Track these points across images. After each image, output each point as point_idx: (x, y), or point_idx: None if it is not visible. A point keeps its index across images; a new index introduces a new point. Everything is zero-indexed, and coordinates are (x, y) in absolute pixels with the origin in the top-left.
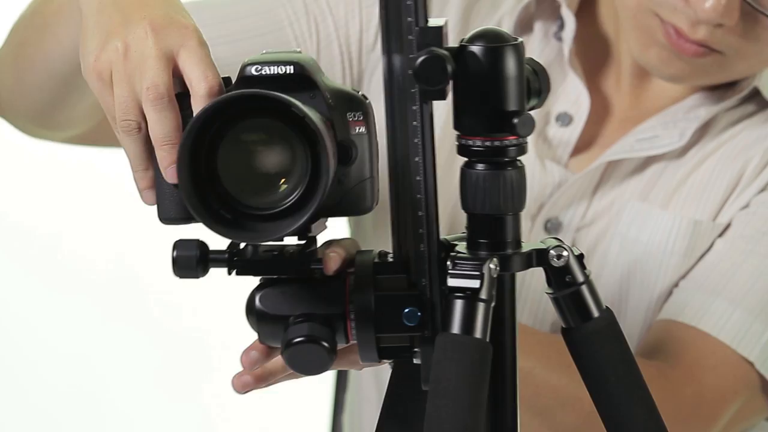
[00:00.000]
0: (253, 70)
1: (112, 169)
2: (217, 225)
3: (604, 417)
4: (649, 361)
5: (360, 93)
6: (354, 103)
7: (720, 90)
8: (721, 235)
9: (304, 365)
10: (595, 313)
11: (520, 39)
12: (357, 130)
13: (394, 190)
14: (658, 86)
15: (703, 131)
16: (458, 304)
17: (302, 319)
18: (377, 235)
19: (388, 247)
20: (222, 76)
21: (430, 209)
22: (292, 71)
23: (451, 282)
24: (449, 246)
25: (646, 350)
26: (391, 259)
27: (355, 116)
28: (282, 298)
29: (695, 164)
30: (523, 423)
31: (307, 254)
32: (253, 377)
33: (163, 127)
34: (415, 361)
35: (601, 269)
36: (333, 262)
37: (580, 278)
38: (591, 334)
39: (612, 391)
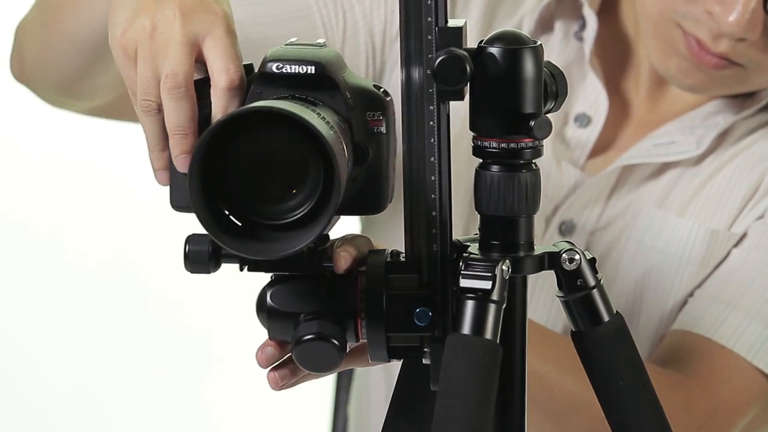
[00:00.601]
0: (274, 68)
1: (113, 169)
2: (224, 235)
3: (612, 421)
4: (664, 369)
5: (382, 90)
6: (374, 102)
7: (739, 99)
8: (736, 245)
9: (314, 363)
10: (606, 318)
11: (538, 42)
12: (375, 130)
13: (408, 189)
14: (676, 91)
15: (720, 139)
16: (469, 305)
17: (313, 316)
18: (385, 232)
19: (398, 240)
20: (245, 63)
21: (444, 210)
22: (312, 71)
23: (463, 283)
24: (461, 247)
25: (662, 359)
26: (403, 259)
27: (374, 115)
28: (293, 296)
29: (712, 172)
30: (536, 425)
31: (320, 252)
32: (288, 370)
33: (177, 117)
34: (425, 361)
35: (615, 273)
36: (344, 261)
37: (592, 282)
38: (601, 338)
39: (620, 395)
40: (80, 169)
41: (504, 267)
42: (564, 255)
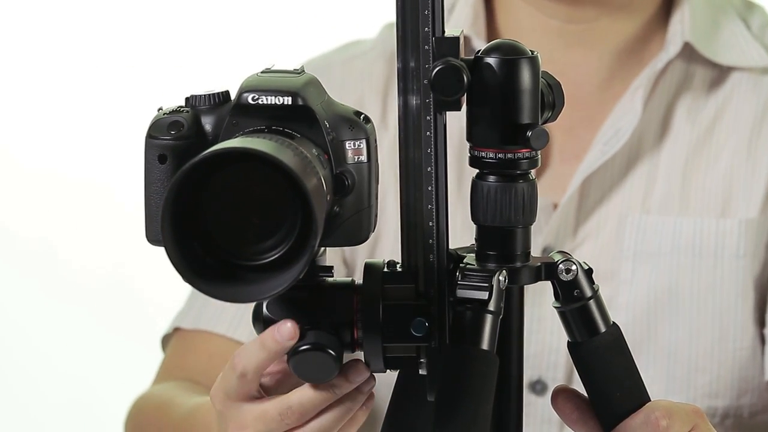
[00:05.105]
0: (249, 99)
1: (110, 177)
2: (197, 279)
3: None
4: None
5: (362, 116)
6: (354, 130)
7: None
8: None
9: (310, 372)
10: (602, 328)
11: (536, 52)
12: (356, 159)
13: (404, 199)
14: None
15: (666, 121)
16: (466, 316)
17: (309, 326)
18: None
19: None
20: (222, 90)
21: (441, 220)
22: (289, 102)
23: (460, 293)
24: (458, 257)
25: None
26: (399, 269)
27: (354, 144)
28: (289, 306)
29: (686, 161)
30: None
31: (315, 261)
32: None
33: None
34: (421, 371)
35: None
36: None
37: (588, 293)
38: (597, 348)
39: (617, 406)
40: (78, 176)
41: (500, 277)
42: (561, 265)
